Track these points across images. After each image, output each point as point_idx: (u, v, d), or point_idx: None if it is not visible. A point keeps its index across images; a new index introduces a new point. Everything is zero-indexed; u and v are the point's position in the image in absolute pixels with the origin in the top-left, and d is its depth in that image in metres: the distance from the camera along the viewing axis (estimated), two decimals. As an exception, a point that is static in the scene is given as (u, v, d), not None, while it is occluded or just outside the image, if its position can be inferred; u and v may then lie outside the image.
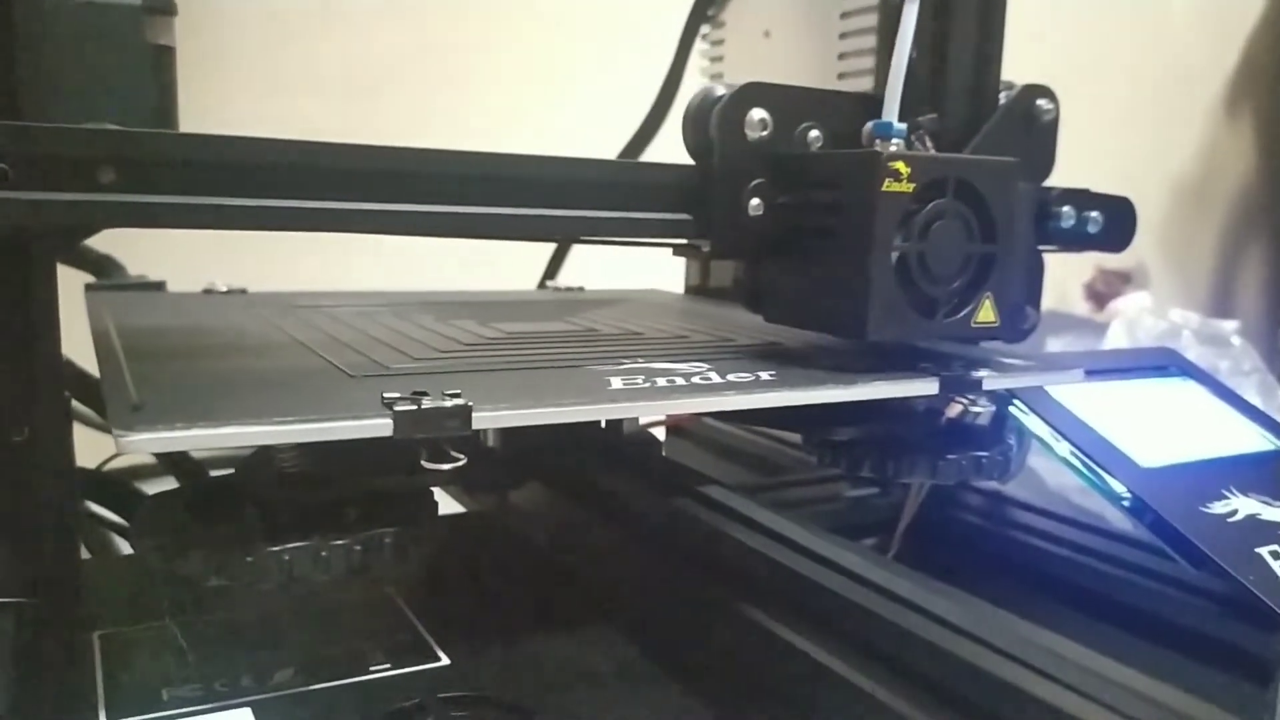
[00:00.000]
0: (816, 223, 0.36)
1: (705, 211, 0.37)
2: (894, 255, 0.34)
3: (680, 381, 0.32)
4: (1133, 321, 1.13)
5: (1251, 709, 0.32)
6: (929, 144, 0.40)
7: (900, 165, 0.34)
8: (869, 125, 0.38)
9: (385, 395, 0.27)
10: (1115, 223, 0.49)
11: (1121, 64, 1.44)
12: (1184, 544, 0.37)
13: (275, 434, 0.25)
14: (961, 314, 0.36)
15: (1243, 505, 0.39)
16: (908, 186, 0.34)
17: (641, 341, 0.42)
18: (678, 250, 0.40)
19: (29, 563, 0.32)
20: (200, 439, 0.24)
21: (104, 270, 0.60)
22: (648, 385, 0.32)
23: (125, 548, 0.50)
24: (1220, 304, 1.63)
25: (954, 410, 0.39)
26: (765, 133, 0.37)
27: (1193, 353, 0.82)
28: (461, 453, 0.28)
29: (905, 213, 0.34)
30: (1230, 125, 1.62)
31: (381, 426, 0.26)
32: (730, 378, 0.33)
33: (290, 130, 0.31)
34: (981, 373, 0.36)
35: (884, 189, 0.33)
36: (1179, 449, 0.43)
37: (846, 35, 0.51)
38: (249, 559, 0.27)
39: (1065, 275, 1.34)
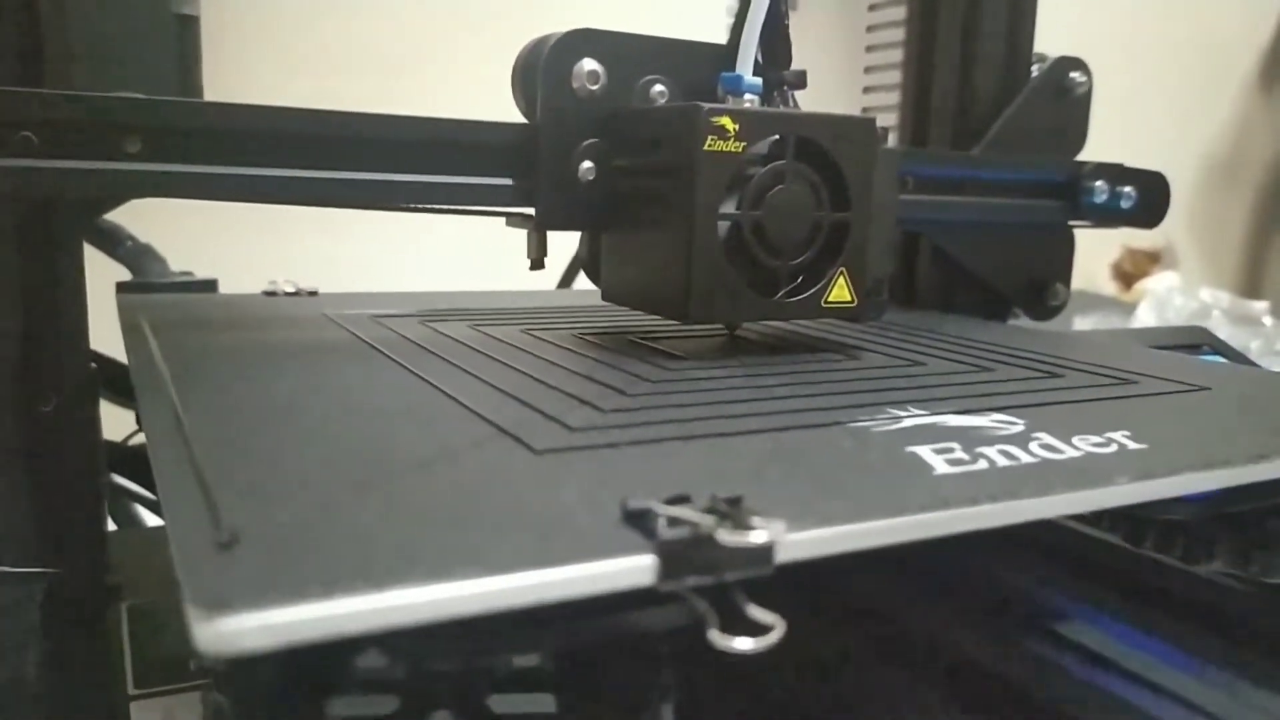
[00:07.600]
0: (644, 188, 0.32)
1: (531, 176, 0.33)
2: (723, 224, 0.31)
3: (1023, 456, 0.22)
4: (1162, 301, 1.12)
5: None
6: (794, 102, 0.35)
7: (726, 121, 0.30)
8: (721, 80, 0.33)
9: (629, 505, 0.17)
10: (1148, 198, 0.48)
11: (1151, 37, 1.42)
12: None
13: (471, 597, 0.14)
14: (809, 292, 0.32)
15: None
16: (736, 146, 0.30)
17: (863, 369, 0.32)
18: (510, 220, 0.36)
19: (56, 533, 0.32)
20: (347, 616, 0.14)
21: (140, 264, 0.50)
22: (986, 467, 0.21)
23: (151, 519, 0.50)
24: (1250, 284, 1.61)
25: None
26: (597, 86, 0.33)
27: (1223, 332, 0.81)
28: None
29: (736, 175, 0.30)
30: (1263, 101, 1.60)
31: (639, 571, 0.15)
32: (1081, 445, 0.23)
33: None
34: None
35: (706, 148, 0.30)
36: None
37: (876, 6, 0.50)
38: None
39: (1092, 255, 1.33)
